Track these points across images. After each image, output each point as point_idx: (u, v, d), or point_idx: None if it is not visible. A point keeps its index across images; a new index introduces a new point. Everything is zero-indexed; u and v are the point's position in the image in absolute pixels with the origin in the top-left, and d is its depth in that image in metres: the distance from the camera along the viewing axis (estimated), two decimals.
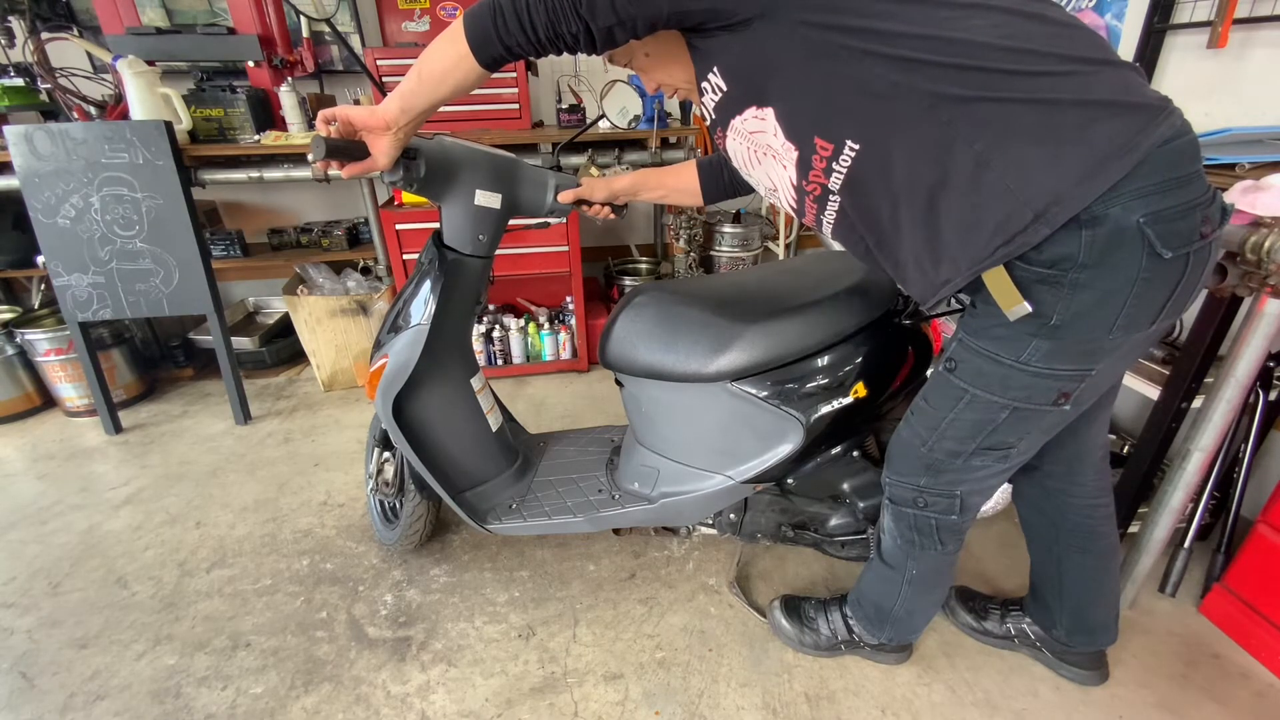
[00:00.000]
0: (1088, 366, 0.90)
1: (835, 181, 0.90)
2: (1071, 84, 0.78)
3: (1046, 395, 0.93)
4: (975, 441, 1.01)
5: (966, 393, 0.97)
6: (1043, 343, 0.88)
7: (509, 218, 1.33)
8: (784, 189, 0.98)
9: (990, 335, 0.92)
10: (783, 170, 0.95)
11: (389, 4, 2.62)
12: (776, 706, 1.30)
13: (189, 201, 2.13)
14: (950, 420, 1.01)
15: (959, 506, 1.09)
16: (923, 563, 1.18)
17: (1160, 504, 1.37)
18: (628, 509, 1.45)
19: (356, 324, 2.50)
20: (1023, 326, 0.88)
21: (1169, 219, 0.79)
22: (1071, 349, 0.88)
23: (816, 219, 0.99)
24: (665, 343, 1.31)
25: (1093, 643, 1.29)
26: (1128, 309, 0.84)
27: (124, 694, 1.35)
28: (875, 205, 0.89)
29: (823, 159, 0.88)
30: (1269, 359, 1.29)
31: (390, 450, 1.62)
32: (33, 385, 2.47)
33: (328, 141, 1.00)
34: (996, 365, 0.93)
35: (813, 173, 0.91)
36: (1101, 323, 0.85)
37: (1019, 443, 1.01)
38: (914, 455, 1.08)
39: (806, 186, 0.94)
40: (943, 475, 1.07)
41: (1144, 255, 0.80)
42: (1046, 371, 0.90)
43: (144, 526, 1.85)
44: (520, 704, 1.31)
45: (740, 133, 0.95)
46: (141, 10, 2.32)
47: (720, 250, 2.90)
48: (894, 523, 1.17)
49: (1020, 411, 0.96)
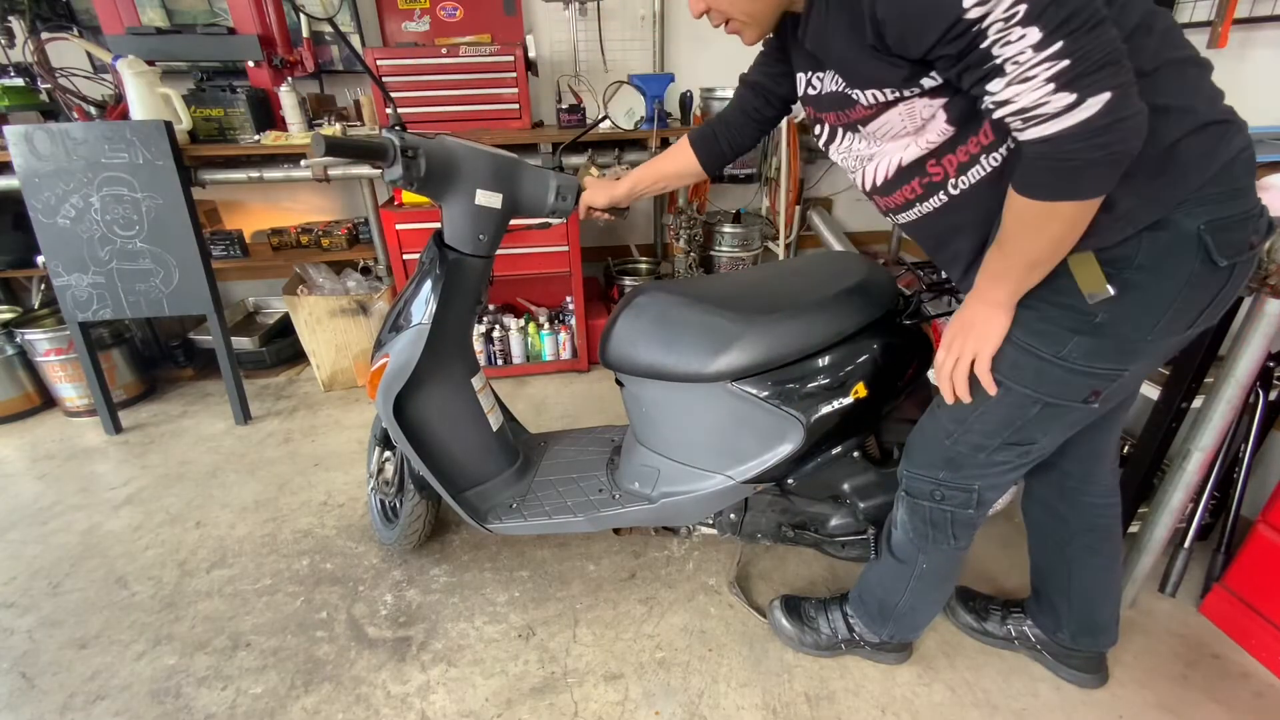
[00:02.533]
0: (1123, 366, 0.90)
1: (974, 172, 0.87)
2: (1174, 89, 0.77)
3: (1079, 392, 0.93)
4: (1001, 436, 1.01)
5: (1000, 385, 0.96)
6: (1085, 339, 0.88)
7: (510, 218, 1.33)
8: (887, 161, 0.95)
9: (1031, 329, 0.91)
10: (905, 148, 0.91)
11: (389, 4, 2.62)
12: (776, 706, 1.30)
13: (189, 201, 2.13)
14: (979, 414, 1.00)
15: (975, 501, 1.09)
16: (933, 557, 1.18)
17: (1160, 504, 1.37)
18: (628, 509, 1.45)
19: (356, 324, 2.50)
20: (1065, 322, 0.88)
21: (1227, 228, 0.80)
22: (1111, 347, 0.88)
23: (903, 200, 0.97)
24: (666, 343, 1.31)
25: (1096, 644, 1.29)
26: (1172, 312, 0.85)
27: (124, 694, 1.35)
28: (993, 196, 0.85)
29: (978, 144, 0.85)
30: (1269, 359, 1.29)
31: (391, 449, 1.62)
32: (33, 385, 2.47)
33: (328, 140, 1.00)
34: (1035, 359, 0.92)
35: (949, 157, 0.88)
36: (1145, 324, 0.86)
37: (1042, 439, 1.01)
38: (936, 448, 1.08)
39: (930, 168, 0.90)
40: (963, 469, 1.06)
41: (1198, 261, 0.81)
42: (1083, 369, 0.90)
43: (144, 526, 1.85)
44: (520, 704, 1.31)
45: (868, 99, 0.90)
46: (141, 10, 2.32)
47: (720, 250, 2.90)
48: (908, 515, 1.17)
49: (1051, 407, 0.95)
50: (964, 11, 0.67)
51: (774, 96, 1.21)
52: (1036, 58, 0.66)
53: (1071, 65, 0.66)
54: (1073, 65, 0.66)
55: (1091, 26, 0.65)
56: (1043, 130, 0.70)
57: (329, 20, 1.24)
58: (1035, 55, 0.66)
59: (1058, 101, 0.67)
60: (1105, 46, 0.66)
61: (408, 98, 2.35)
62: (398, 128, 1.16)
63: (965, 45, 0.70)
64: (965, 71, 0.73)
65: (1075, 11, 0.64)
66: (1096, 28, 0.65)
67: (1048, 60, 0.66)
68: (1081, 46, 0.65)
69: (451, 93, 2.40)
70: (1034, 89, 0.68)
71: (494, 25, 2.66)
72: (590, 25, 2.79)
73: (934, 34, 0.71)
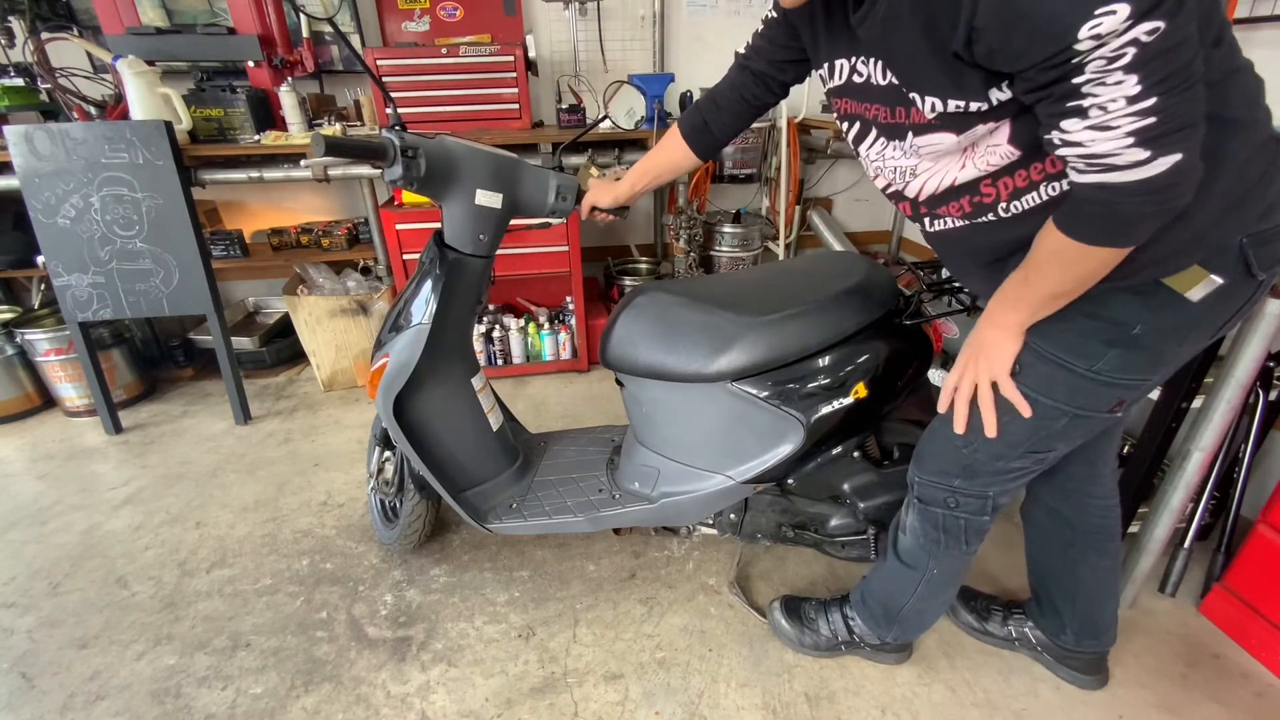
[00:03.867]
0: (1151, 375, 0.90)
1: (1030, 198, 0.84)
2: (1240, 99, 0.77)
3: (1106, 403, 0.92)
4: (1025, 446, 0.99)
5: (1028, 398, 0.94)
6: (1121, 352, 0.87)
7: (510, 218, 1.33)
8: (938, 177, 0.90)
9: (1064, 343, 0.89)
10: (960, 167, 0.86)
11: (389, 4, 2.62)
12: (776, 706, 1.30)
13: (189, 201, 2.13)
14: (1004, 424, 0.97)
15: (990, 507, 1.08)
16: (944, 562, 1.16)
17: (1160, 504, 1.37)
18: (628, 509, 1.45)
19: (356, 324, 2.50)
20: (1101, 334, 0.87)
21: (1266, 240, 0.80)
22: (1144, 358, 0.88)
23: (944, 214, 0.93)
24: (666, 343, 1.31)
25: (1099, 645, 1.29)
26: (1204, 321, 0.85)
27: (124, 694, 1.35)
28: (1041, 223, 0.82)
29: (1042, 171, 0.82)
30: (1269, 359, 1.29)
31: (391, 449, 1.62)
32: (33, 385, 2.47)
33: (328, 139, 1.00)
34: (1068, 373, 0.90)
35: (1006, 179, 0.84)
36: (1178, 334, 0.85)
37: (1062, 446, 1.00)
38: (951, 455, 1.05)
39: (984, 187, 0.86)
40: (979, 477, 1.04)
41: (1235, 273, 0.80)
42: (1114, 380, 0.89)
43: (144, 526, 1.85)
44: (520, 704, 1.31)
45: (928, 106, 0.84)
46: (141, 10, 2.32)
47: (720, 250, 2.90)
48: (920, 521, 1.15)
49: (1078, 419, 0.94)
50: (1076, 40, 0.62)
51: (775, 83, 1.16)
52: (1127, 109, 0.64)
53: (1157, 124, 0.64)
54: (1158, 124, 0.64)
55: (1187, 88, 0.64)
56: (1105, 178, 0.69)
57: (329, 20, 1.24)
58: (1127, 106, 0.64)
59: (1131, 155, 0.66)
60: (1192, 109, 0.65)
61: (408, 98, 2.35)
62: (398, 128, 1.16)
63: (1059, 75, 0.66)
64: (1045, 100, 0.69)
65: (1177, 70, 0.63)
66: (1190, 89, 0.64)
67: (1136, 115, 0.64)
68: (1171, 106, 0.63)
69: (451, 93, 2.40)
70: (1112, 139, 0.66)
71: (494, 25, 2.67)
72: (590, 25, 2.79)
73: (1036, 56, 0.66)
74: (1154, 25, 0.60)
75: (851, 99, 0.95)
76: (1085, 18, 0.61)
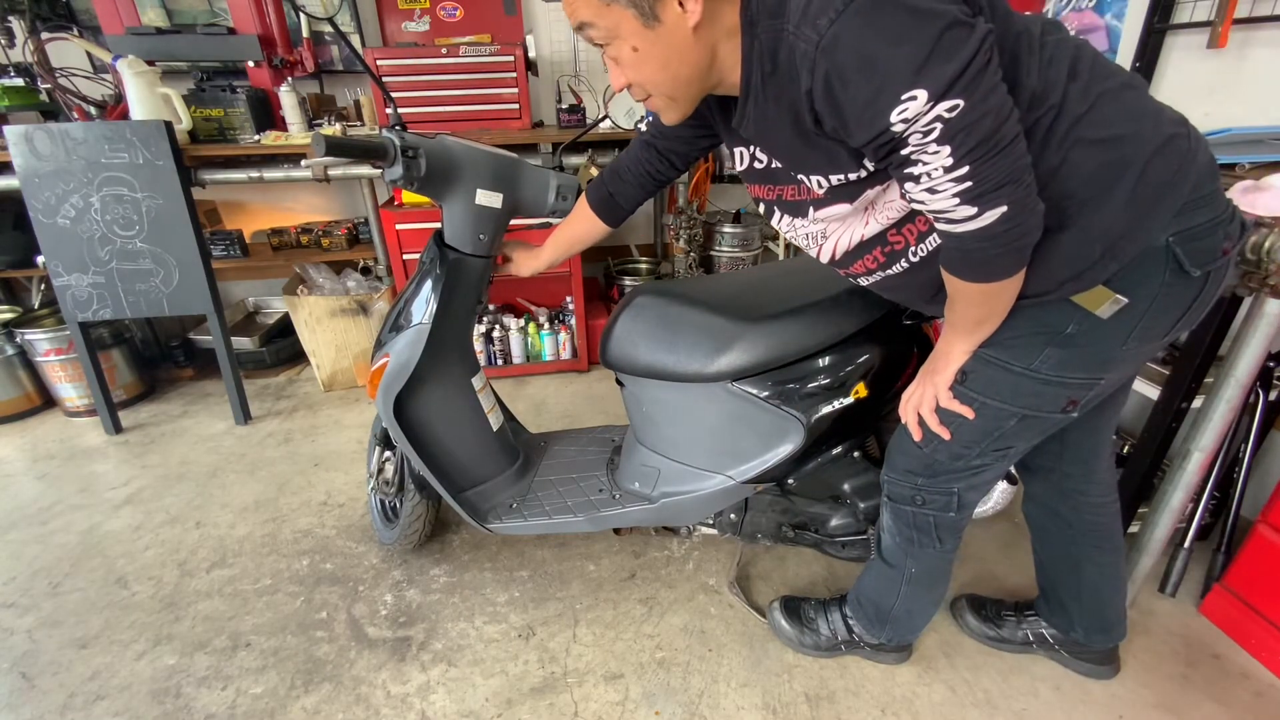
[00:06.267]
0: (1098, 375, 0.91)
1: (933, 239, 0.90)
2: (1116, 118, 0.79)
3: (1055, 403, 0.94)
4: (980, 446, 1.02)
5: (975, 402, 0.98)
6: (1055, 350, 0.89)
7: (510, 218, 1.33)
8: (848, 236, 0.97)
9: (1002, 344, 0.93)
10: (864, 224, 0.93)
11: (389, 4, 2.62)
12: (776, 706, 1.30)
13: (189, 201, 2.13)
14: (956, 427, 1.01)
15: (956, 504, 1.10)
16: (922, 561, 1.19)
17: (1160, 504, 1.37)
18: (628, 509, 1.45)
19: (356, 324, 2.50)
20: (1035, 334, 0.89)
21: (1196, 237, 0.80)
22: (1084, 358, 0.89)
23: (864, 269, 1.00)
24: (666, 343, 1.31)
25: (1109, 639, 1.30)
26: (1144, 322, 0.85)
27: (124, 694, 1.35)
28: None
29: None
30: (1269, 359, 1.29)
31: (391, 449, 1.62)
32: (33, 385, 2.47)
33: (328, 139, 1.00)
34: (1008, 373, 0.93)
35: (909, 226, 0.91)
36: (1117, 336, 0.87)
37: (1021, 444, 1.03)
38: (914, 455, 1.09)
39: (891, 237, 0.94)
40: (941, 475, 1.08)
41: (1167, 273, 0.82)
42: (1057, 379, 0.91)
43: (144, 526, 1.85)
44: (520, 704, 1.31)
45: (815, 184, 0.92)
46: (141, 10, 2.32)
47: (720, 250, 2.90)
48: (893, 520, 1.18)
49: (1028, 419, 0.97)
50: (890, 124, 0.71)
51: (679, 158, 1.21)
52: (946, 177, 0.72)
53: (974, 186, 0.72)
54: (975, 186, 0.72)
55: (997, 152, 0.70)
56: (951, 229, 0.78)
57: (329, 20, 1.24)
58: (945, 175, 0.72)
59: (961, 212, 0.75)
60: (1006, 169, 0.71)
61: (408, 98, 2.35)
62: (398, 128, 1.16)
63: (889, 149, 0.75)
64: (889, 167, 0.79)
65: (984, 138, 0.69)
66: (1000, 152, 0.71)
67: (954, 180, 0.72)
68: (982, 171, 0.71)
69: (451, 93, 2.40)
70: (942, 199, 0.75)
71: (494, 25, 2.67)
72: None
73: (864, 137, 0.74)
74: (953, 103, 0.67)
75: (756, 183, 1.04)
76: (893, 104, 0.69)
